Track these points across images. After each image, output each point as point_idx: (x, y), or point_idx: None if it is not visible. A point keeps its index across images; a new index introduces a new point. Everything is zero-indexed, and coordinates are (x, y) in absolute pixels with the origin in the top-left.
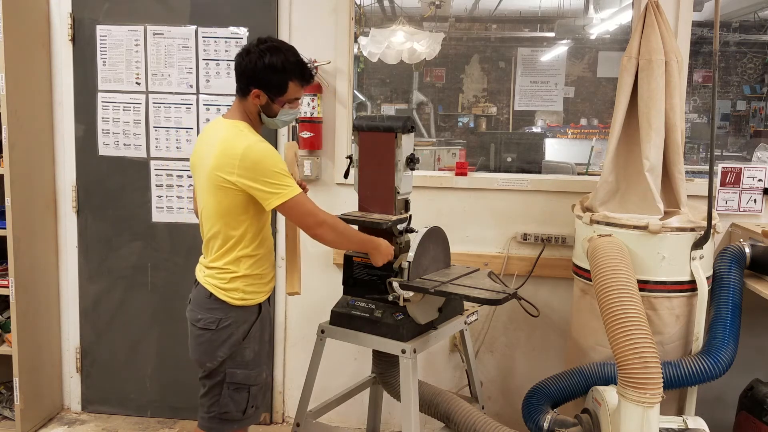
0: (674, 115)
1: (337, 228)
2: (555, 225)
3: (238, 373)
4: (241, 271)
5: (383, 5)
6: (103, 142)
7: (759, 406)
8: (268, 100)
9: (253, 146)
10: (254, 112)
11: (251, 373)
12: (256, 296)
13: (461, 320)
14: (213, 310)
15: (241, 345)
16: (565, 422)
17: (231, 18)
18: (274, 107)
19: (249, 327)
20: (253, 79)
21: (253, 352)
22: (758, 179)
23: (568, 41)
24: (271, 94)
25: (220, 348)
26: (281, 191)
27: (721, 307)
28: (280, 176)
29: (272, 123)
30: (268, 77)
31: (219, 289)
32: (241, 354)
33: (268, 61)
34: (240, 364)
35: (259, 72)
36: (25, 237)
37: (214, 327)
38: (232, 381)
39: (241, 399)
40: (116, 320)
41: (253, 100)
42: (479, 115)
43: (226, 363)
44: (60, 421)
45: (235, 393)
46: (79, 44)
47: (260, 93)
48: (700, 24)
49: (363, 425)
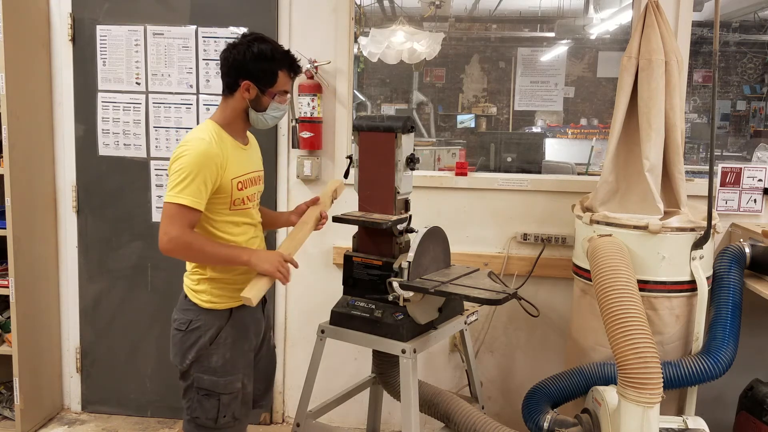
0: (674, 115)
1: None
2: (555, 225)
3: (204, 378)
4: (208, 273)
5: (383, 5)
6: (103, 142)
7: (759, 406)
8: (258, 93)
9: (185, 143)
10: (241, 109)
11: (220, 380)
12: (226, 301)
13: (461, 320)
14: (186, 311)
15: (208, 350)
16: (565, 422)
17: (231, 18)
18: (264, 100)
19: (217, 332)
20: (242, 71)
21: (223, 358)
22: (758, 179)
23: (568, 41)
24: (261, 84)
25: (189, 350)
26: (169, 191)
27: (721, 307)
28: (179, 177)
29: (262, 121)
30: (258, 66)
31: (191, 290)
32: (208, 359)
33: (257, 49)
34: (207, 369)
35: (249, 62)
36: (25, 237)
37: (185, 328)
38: (199, 386)
39: (210, 407)
40: (116, 320)
41: (243, 95)
42: (479, 115)
43: (194, 367)
44: (60, 421)
45: (204, 399)
46: (79, 44)
47: (250, 85)
48: (700, 24)
49: (363, 425)
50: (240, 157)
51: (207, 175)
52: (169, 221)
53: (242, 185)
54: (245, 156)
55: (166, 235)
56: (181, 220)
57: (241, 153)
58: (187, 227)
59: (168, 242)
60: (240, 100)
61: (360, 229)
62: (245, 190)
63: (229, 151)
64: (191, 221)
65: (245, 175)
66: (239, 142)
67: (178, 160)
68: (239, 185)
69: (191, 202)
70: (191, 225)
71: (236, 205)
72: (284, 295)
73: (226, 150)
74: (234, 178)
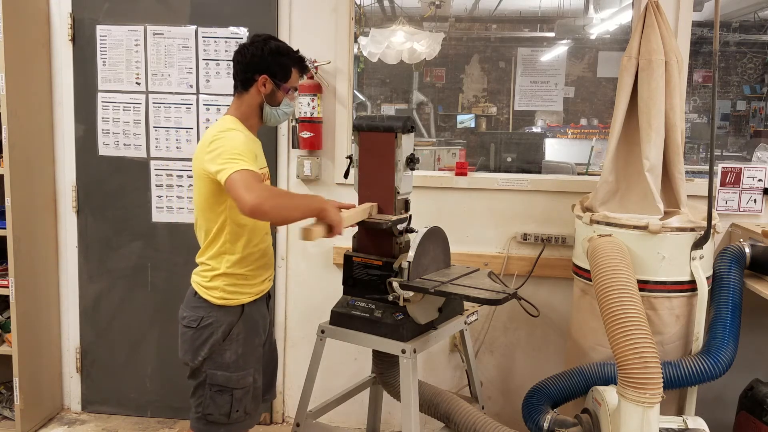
0: (674, 115)
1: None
2: (555, 225)
3: (218, 375)
4: (222, 268)
5: (383, 5)
6: (103, 142)
7: (759, 406)
8: (274, 87)
9: (222, 132)
10: (256, 104)
11: (233, 375)
12: (239, 297)
13: (461, 320)
14: (196, 309)
15: (221, 346)
16: (565, 422)
17: (231, 18)
18: (278, 94)
19: (230, 328)
20: (260, 66)
21: (235, 354)
22: (758, 179)
23: (568, 41)
24: (277, 79)
25: (201, 347)
26: (226, 165)
27: (721, 307)
28: (234, 155)
29: (274, 116)
30: (275, 61)
31: (201, 287)
32: (221, 355)
33: (273, 45)
34: (220, 365)
35: (266, 57)
36: (25, 237)
37: (195, 325)
38: (213, 383)
39: (224, 402)
40: (116, 320)
41: (259, 89)
42: (479, 115)
43: (206, 363)
44: (60, 421)
45: (217, 395)
46: (79, 44)
47: (267, 79)
48: (700, 24)
49: (363, 425)
50: (257, 152)
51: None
52: (244, 185)
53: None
54: (259, 151)
55: (251, 193)
56: (256, 180)
57: (257, 147)
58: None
59: (256, 198)
60: (255, 96)
61: (360, 229)
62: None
63: (251, 144)
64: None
65: (261, 170)
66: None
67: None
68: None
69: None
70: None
71: None
72: (284, 294)
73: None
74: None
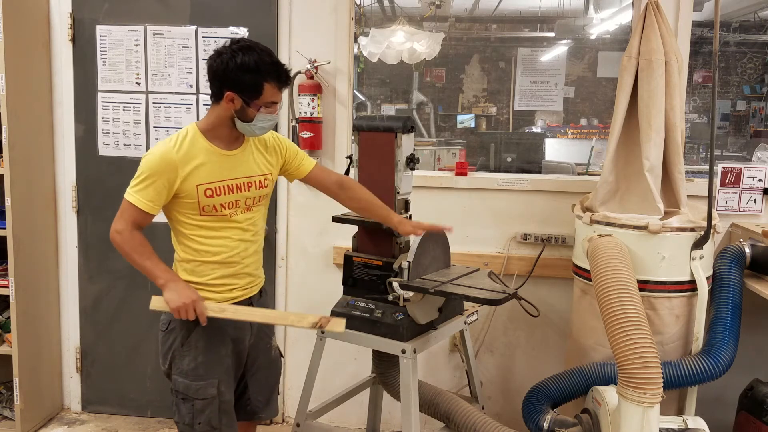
0: (674, 115)
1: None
2: (555, 225)
3: (179, 381)
4: (179, 271)
5: (383, 5)
6: (103, 142)
7: (759, 406)
8: (243, 104)
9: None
10: (226, 117)
11: (192, 384)
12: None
13: (461, 320)
14: (168, 312)
15: (180, 351)
16: (565, 422)
17: (231, 18)
18: (249, 111)
19: (188, 334)
20: (225, 81)
21: (194, 362)
22: (758, 179)
23: (568, 41)
24: (246, 96)
25: (168, 352)
26: (129, 187)
27: (721, 307)
28: (138, 176)
29: (249, 130)
30: (241, 78)
31: None
32: (181, 361)
33: (240, 60)
34: (180, 371)
35: (231, 72)
36: (25, 237)
37: (165, 329)
38: (175, 389)
39: (186, 411)
40: (116, 320)
41: (227, 105)
42: (479, 115)
43: (172, 368)
44: (60, 421)
45: (181, 403)
46: (79, 44)
47: (234, 96)
48: (700, 24)
49: (363, 425)
50: (220, 164)
51: (164, 179)
52: (119, 215)
53: (213, 192)
54: (229, 162)
55: (113, 226)
56: (128, 217)
57: (222, 159)
58: (131, 224)
59: (112, 232)
60: (225, 109)
61: (360, 229)
62: (218, 197)
63: (202, 157)
64: (136, 220)
65: (223, 182)
66: (221, 148)
67: (143, 159)
68: (207, 192)
69: (141, 203)
70: (137, 224)
71: (206, 211)
72: (284, 294)
73: (195, 156)
74: (201, 185)
